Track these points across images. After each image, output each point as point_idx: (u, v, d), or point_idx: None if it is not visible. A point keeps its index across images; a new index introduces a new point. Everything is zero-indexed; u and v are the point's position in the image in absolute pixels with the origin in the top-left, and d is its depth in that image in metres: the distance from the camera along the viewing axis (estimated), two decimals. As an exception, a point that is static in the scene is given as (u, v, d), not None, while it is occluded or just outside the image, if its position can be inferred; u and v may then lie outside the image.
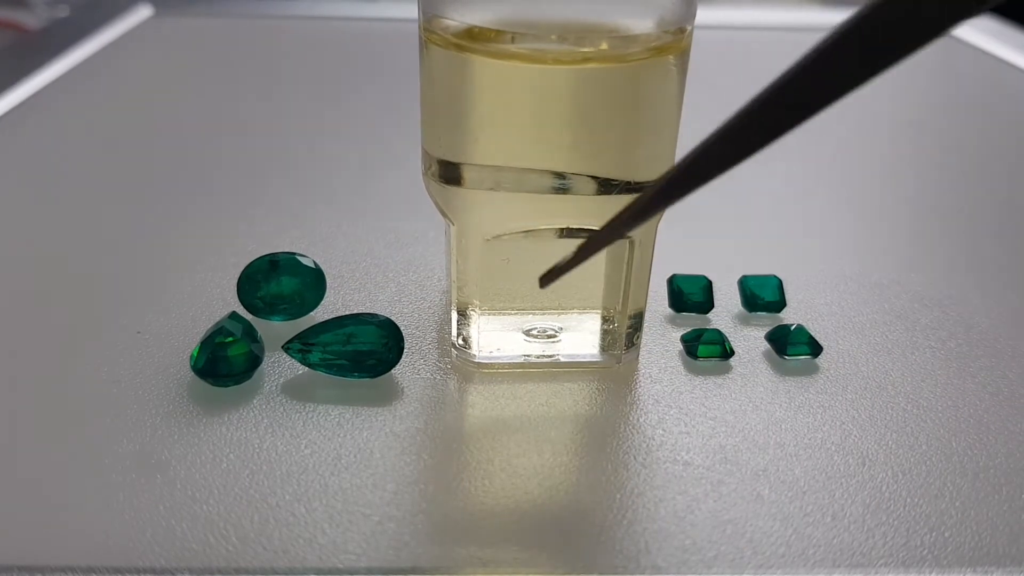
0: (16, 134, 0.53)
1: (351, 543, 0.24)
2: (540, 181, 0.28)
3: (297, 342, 0.30)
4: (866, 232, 0.44)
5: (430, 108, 0.29)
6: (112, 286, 0.36)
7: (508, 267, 0.30)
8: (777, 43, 0.79)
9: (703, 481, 0.27)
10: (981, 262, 0.41)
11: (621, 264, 0.30)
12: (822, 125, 0.60)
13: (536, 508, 0.25)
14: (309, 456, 0.27)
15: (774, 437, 0.28)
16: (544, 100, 0.27)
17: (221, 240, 0.40)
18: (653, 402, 0.30)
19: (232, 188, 0.46)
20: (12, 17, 0.90)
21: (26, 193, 0.45)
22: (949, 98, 0.68)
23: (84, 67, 0.65)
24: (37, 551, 0.23)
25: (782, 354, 0.32)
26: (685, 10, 0.27)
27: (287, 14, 0.83)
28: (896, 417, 0.30)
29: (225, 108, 0.58)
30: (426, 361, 0.32)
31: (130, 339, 0.32)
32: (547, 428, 0.29)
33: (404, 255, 0.39)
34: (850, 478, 0.27)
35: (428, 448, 0.28)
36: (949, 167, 0.53)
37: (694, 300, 0.35)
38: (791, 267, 0.39)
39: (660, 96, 0.28)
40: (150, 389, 0.30)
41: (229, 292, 0.35)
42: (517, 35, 0.26)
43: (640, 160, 0.28)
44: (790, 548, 0.24)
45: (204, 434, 0.28)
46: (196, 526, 0.24)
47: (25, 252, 0.39)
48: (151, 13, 0.79)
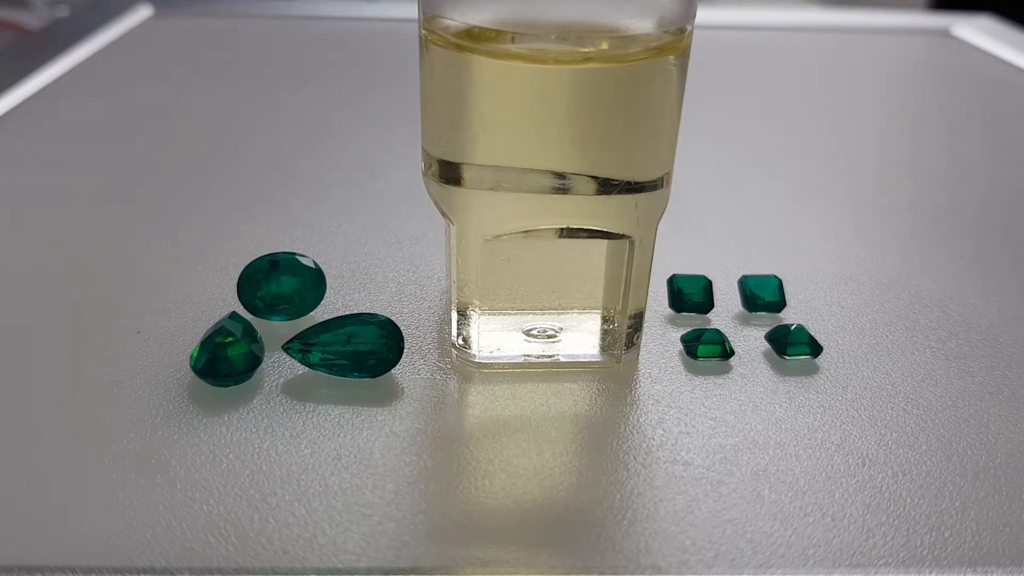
0: (16, 134, 0.53)
1: (351, 543, 0.24)
2: (540, 181, 0.28)
3: (297, 342, 0.30)
4: (866, 232, 0.44)
5: (430, 108, 0.29)
6: (112, 286, 0.36)
7: (508, 267, 0.30)
8: (777, 43, 0.80)
9: (703, 481, 0.27)
10: (981, 262, 0.41)
11: (621, 264, 0.30)
12: (822, 125, 0.60)
13: (536, 508, 0.25)
14: (309, 456, 0.27)
15: (774, 437, 0.28)
16: (544, 100, 0.27)
17: (221, 240, 0.40)
18: (653, 402, 0.30)
19: (232, 188, 0.46)
20: (12, 17, 0.90)
21: (26, 193, 0.45)
22: (949, 98, 0.68)
23: (84, 67, 0.65)
24: (37, 551, 0.23)
25: (782, 354, 0.32)
26: (685, 10, 0.27)
27: (287, 14, 0.83)
28: (896, 417, 0.30)
29: (225, 108, 0.58)
30: (426, 361, 0.32)
31: (130, 339, 0.32)
32: (547, 428, 0.29)
33: (404, 255, 0.39)
34: (850, 478, 0.27)
35: (428, 448, 0.28)
36: (949, 167, 0.53)
37: (694, 300, 0.35)
38: (791, 267, 0.39)
39: (660, 96, 0.28)
40: (150, 389, 0.30)
41: (229, 292, 0.35)
42: (517, 35, 0.26)
43: (640, 160, 0.28)
44: (790, 548, 0.24)
45: (204, 434, 0.28)
46: (196, 526, 0.24)
47: (25, 252, 0.39)
48: (151, 13, 0.79)
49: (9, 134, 0.52)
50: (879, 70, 0.75)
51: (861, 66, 0.75)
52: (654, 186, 0.29)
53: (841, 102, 0.65)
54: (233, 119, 0.56)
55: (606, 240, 0.29)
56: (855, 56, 0.77)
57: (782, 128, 0.59)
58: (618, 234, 0.29)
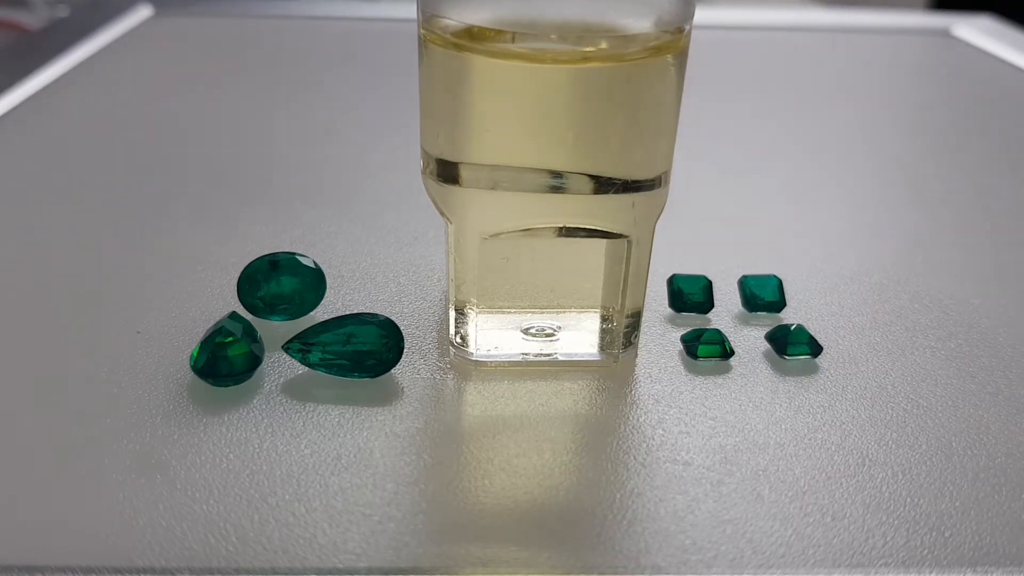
0: (16, 134, 0.53)
1: (351, 543, 0.24)
2: (538, 180, 0.28)
3: (297, 342, 0.30)
4: (866, 232, 0.44)
5: (429, 107, 0.29)
6: (112, 286, 0.36)
7: (506, 265, 0.30)
8: (777, 43, 0.80)
9: (703, 481, 0.27)
10: (981, 262, 0.41)
11: (619, 263, 0.30)
12: (822, 125, 0.60)
13: (536, 508, 0.25)
14: (309, 456, 0.27)
15: (774, 437, 0.28)
16: (543, 99, 0.27)
17: (221, 240, 0.40)
18: (653, 402, 0.30)
19: (232, 188, 0.46)
20: (12, 17, 0.90)
21: (26, 193, 0.45)
22: (949, 98, 0.68)
23: (84, 67, 0.65)
24: (37, 551, 0.23)
25: (782, 354, 0.32)
26: (684, 10, 0.27)
27: (287, 14, 0.83)
28: (896, 417, 0.30)
29: (225, 108, 0.58)
30: (426, 361, 0.32)
31: (130, 339, 0.32)
32: (547, 428, 0.29)
33: (404, 255, 0.39)
34: (850, 478, 0.27)
35: (428, 448, 0.28)
36: (949, 167, 0.53)
37: (694, 300, 0.35)
38: (791, 267, 0.39)
39: (658, 95, 0.28)
40: (150, 389, 0.30)
41: (229, 292, 0.35)
42: (516, 34, 0.26)
43: (638, 159, 0.28)
44: (790, 548, 0.24)
45: (204, 434, 0.28)
46: (196, 526, 0.24)
47: (25, 252, 0.39)
48: (151, 13, 0.79)
49: (9, 134, 0.52)
50: (879, 70, 0.75)
51: (861, 66, 0.75)
52: (652, 185, 0.29)
53: (841, 102, 0.65)
54: (233, 119, 0.56)
55: (604, 239, 0.29)
56: (855, 56, 0.77)
57: (782, 128, 0.59)
58: (616, 233, 0.29)
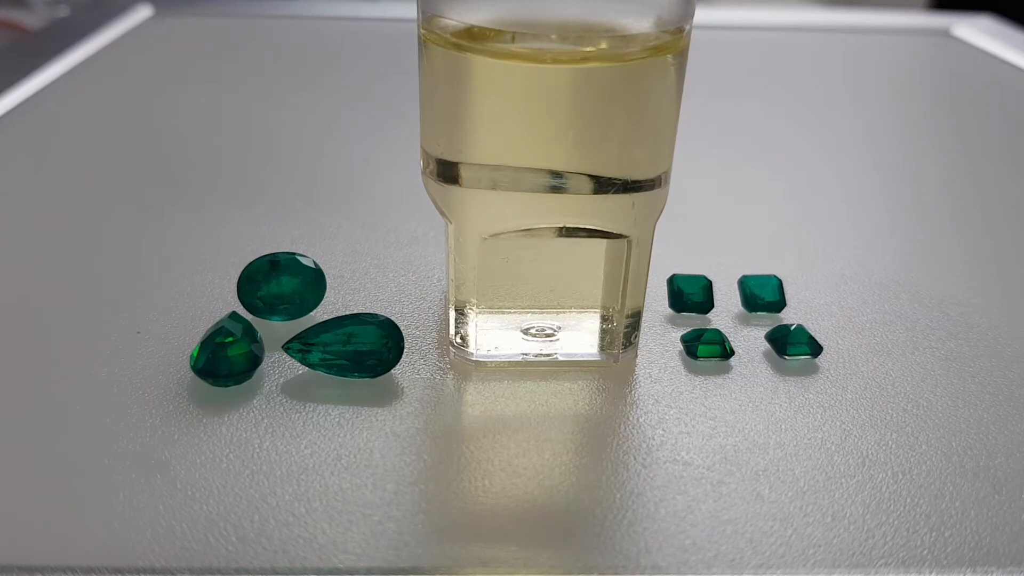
0: (16, 134, 0.53)
1: (351, 543, 0.24)
2: (538, 180, 0.28)
3: (297, 342, 0.30)
4: (866, 232, 0.44)
5: (429, 107, 0.29)
6: (112, 286, 0.36)
7: (506, 265, 0.30)
8: (777, 43, 0.80)
9: (703, 481, 0.27)
10: (981, 262, 0.41)
11: (619, 263, 0.30)
12: (822, 125, 0.60)
13: (536, 508, 0.25)
14: (309, 456, 0.27)
15: (774, 437, 0.28)
16: (543, 99, 0.27)
17: (221, 240, 0.40)
18: (653, 402, 0.30)
19: (232, 188, 0.46)
20: (12, 17, 0.90)
21: (26, 193, 0.45)
22: (949, 98, 0.68)
23: (84, 67, 0.65)
24: (37, 551, 0.23)
25: (782, 354, 0.32)
26: (683, 10, 0.27)
27: (287, 14, 0.83)
28: (896, 417, 0.30)
29: (225, 108, 0.58)
30: (426, 361, 0.32)
31: (130, 339, 0.32)
32: (547, 428, 0.29)
33: (404, 255, 0.39)
34: (850, 478, 0.27)
35: (428, 448, 0.28)
36: (949, 167, 0.53)
37: (694, 300, 0.35)
38: (791, 267, 0.39)
39: (658, 95, 0.28)
40: (150, 389, 0.30)
41: (229, 292, 0.35)
42: (516, 34, 0.26)
43: (638, 159, 0.28)
44: (790, 548, 0.24)
45: (204, 434, 0.28)
46: (196, 526, 0.24)
47: (25, 252, 0.39)
48: (151, 13, 0.79)
49: (9, 134, 0.52)
50: (879, 70, 0.75)
51: (861, 66, 0.75)
52: (652, 185, 0.29)
53: (841, 102, 0.65)
54: (233, 119, 0.56)
55: (604, 239, 0.29)
56: (855, 56, 0.77)
57: (782, 128, 0.59)
58: (616, 233, 0.29)
